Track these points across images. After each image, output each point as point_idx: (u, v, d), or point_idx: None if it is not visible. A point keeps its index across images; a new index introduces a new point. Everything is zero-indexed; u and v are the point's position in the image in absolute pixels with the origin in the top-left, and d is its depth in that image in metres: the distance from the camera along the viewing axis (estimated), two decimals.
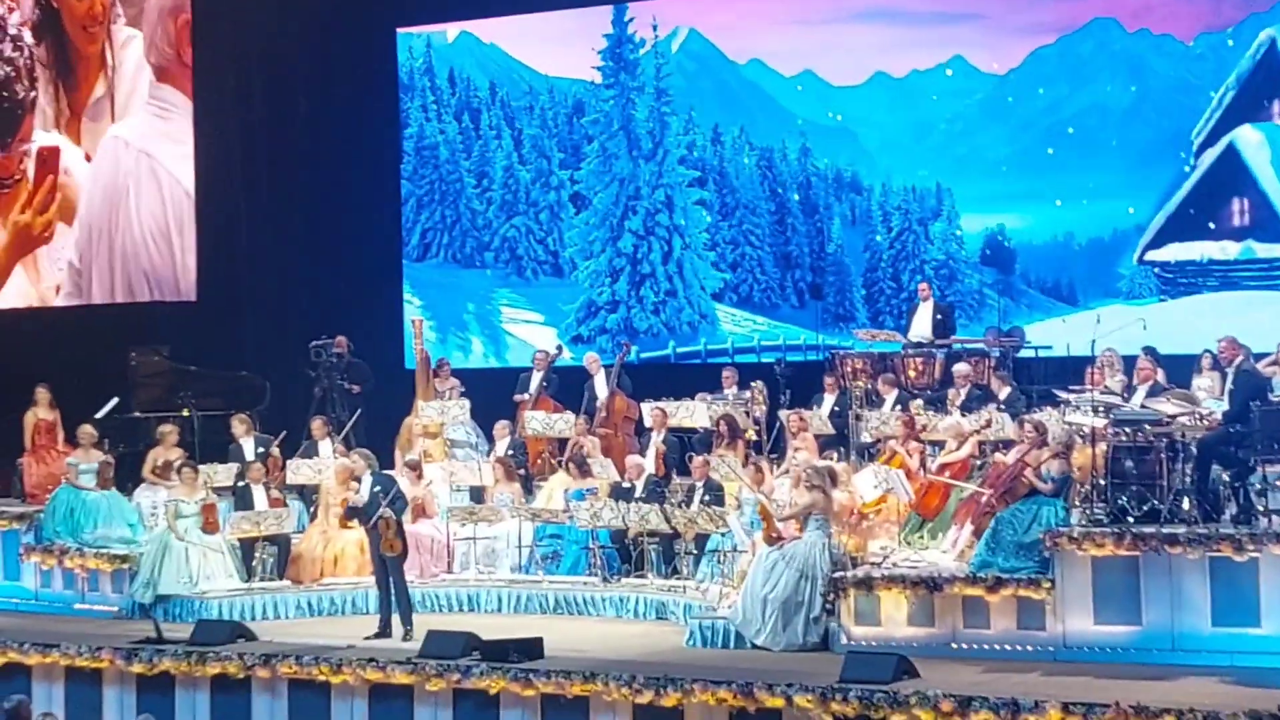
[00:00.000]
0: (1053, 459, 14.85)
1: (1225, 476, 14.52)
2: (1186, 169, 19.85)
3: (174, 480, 18.30)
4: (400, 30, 24.19)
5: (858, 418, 17.59)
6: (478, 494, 18.55)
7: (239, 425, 19.26)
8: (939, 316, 18.89)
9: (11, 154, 24.95)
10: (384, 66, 24.19)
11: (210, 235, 24.27)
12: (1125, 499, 14.30)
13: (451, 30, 24.12)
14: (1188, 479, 14.41)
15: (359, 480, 16.13)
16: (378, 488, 15.88)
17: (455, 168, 24.07)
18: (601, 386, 19.61)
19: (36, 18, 25.20)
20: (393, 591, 15.84)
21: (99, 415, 19.97)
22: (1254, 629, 13.62)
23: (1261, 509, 14.17)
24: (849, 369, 18.59)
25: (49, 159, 24.89)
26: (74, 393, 20.21)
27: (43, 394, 19.75)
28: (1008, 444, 16.06)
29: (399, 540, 15.79)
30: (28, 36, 25.11)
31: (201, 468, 18.38)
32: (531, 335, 23.17)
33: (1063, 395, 16.27)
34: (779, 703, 13.19)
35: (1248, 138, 19.64)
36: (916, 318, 18.97)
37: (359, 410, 19.85)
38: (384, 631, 15.69)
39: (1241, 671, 13.26)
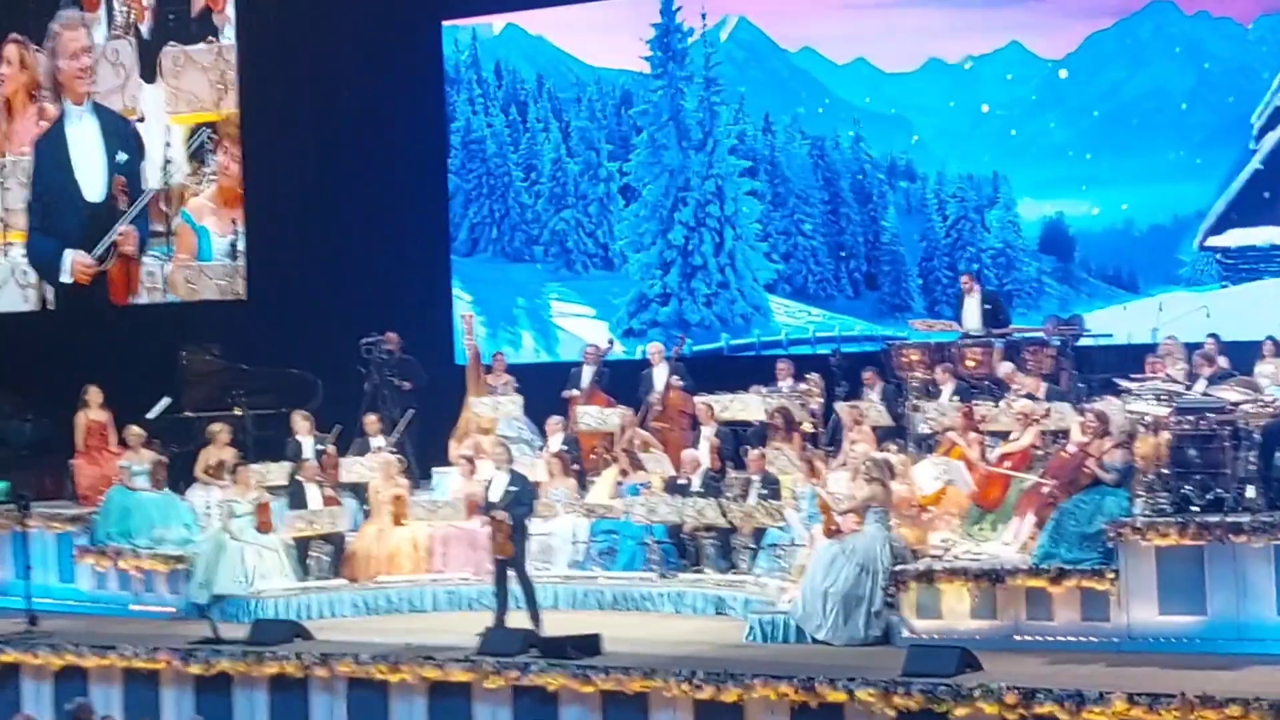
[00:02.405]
0: (1115, 448, 14.66)
1: None
2: (1251, 149, 19.59)
3: (227, 480, 18.28)
4: (446, 23, 24.12)
5: (915, 409, 17.42)
6: None
7: (300, 422, 19.21)
8: (988, 306, 18.70)
9: None
10: (430, 60, 24.13)
11: (259, 232, 24.25)
12: (1189, 488, 14.13)
13: (497, 22, 24.04)
14: (1252, 467, 14.25)
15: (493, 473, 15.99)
16: (513, 487, 15.66)
17: (503, 161, 24.00)
18: (660, 378, 19.46)
19: None
20: (516, 588, 15.60)
21: (151, 415, 19.97)
22: None
23: None
24: (905, 360, 18.39)
25: None
26: (125, 393, 20.18)
27: (95, 394, 19.74)
28: (1069, 433, 15.87)
29: (510, 544, 15.50)
30: None
31: (254, 467, 18.33)
32: (583, 329, 23.06)
33: (1124, 384, 16.06)
34: (841, 697, 13.10)
35: None
36: (965, 312, 18.76)
37: (411, 410, 19.77)
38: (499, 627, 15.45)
39: None
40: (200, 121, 24.79)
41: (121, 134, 25.10)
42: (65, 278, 25.29)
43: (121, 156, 25.08)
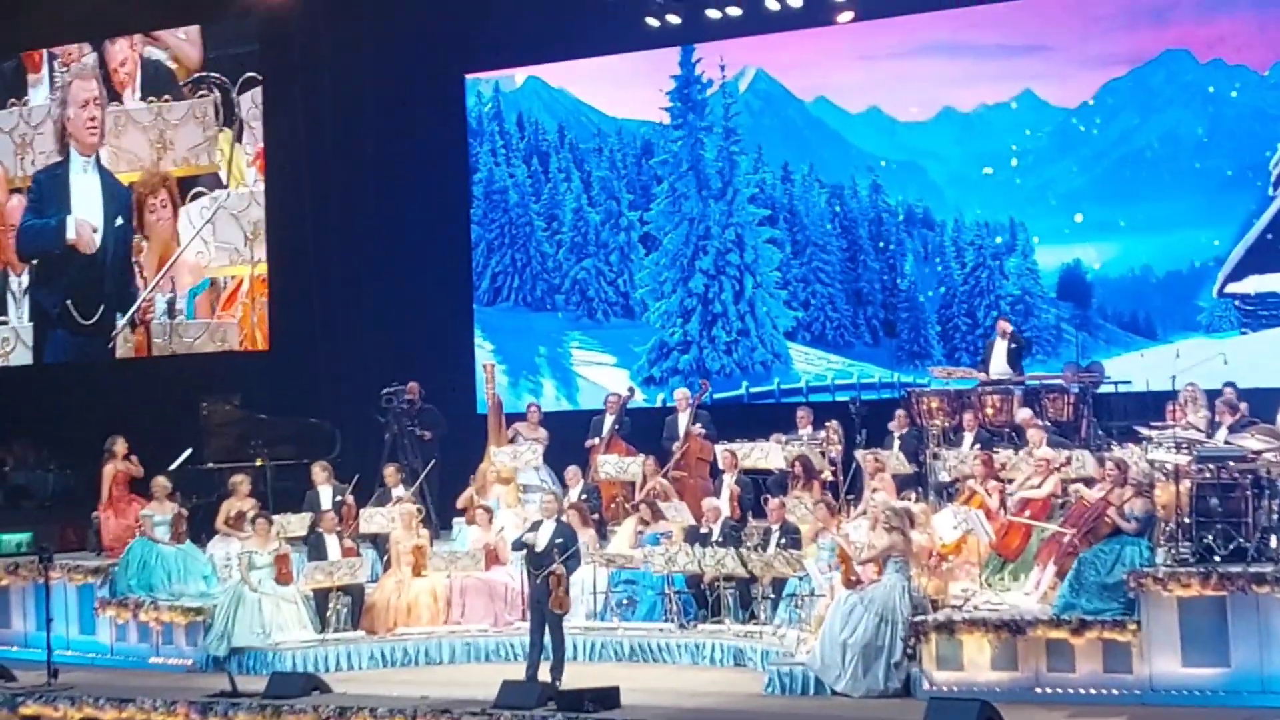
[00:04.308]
0: (1136, 497, 14.58)
1: None
2: (1269, 195, 19.56)
3: (247, 531, 18.26)
4: (469, 76, 24.28)
5: (935, 456, 17.36)
6: None
7: (320, 472, 19.21)
8: (1014, 345, 18.67)
9: None
10: (453, 112, 24.27)
11: (281, 282, 24.34)
12: (1211, 538, 14.06)
13: (519, 75, 24.18)
14: (1275, 516, 14.19)
15: (539, 523, 15.95)
16: (560, 539, 15.64)
17: (525, 211, 24.08)
18: (683, 425, 19.42)
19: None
20: (549, 642, 15.54)
21: (173, 467, 19.99)
22: None
23: None
24: (925, 407, 18.34)
25: None
26: (146, 444, 20.20)
27: (121, 445, 19.73)
28: (1088, 482, 15.80)
29: (568, 597, 15.55)
30: None
31: (275, 518, 18.33)
32: (603, 377, 23.09)
33: (1144, 432, 15.98)
34: None
35: None
36: (994, 356, 18.72)
37: (433, 460, 19.78)
38: (531, 680, 15.30)
39: None
40: (131, 180, 25.21)
41: (121, 199, 25.41)
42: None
43: (119, 220, 25.38)
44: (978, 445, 17.39)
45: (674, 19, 22.16)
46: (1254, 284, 19.63)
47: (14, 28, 25.32)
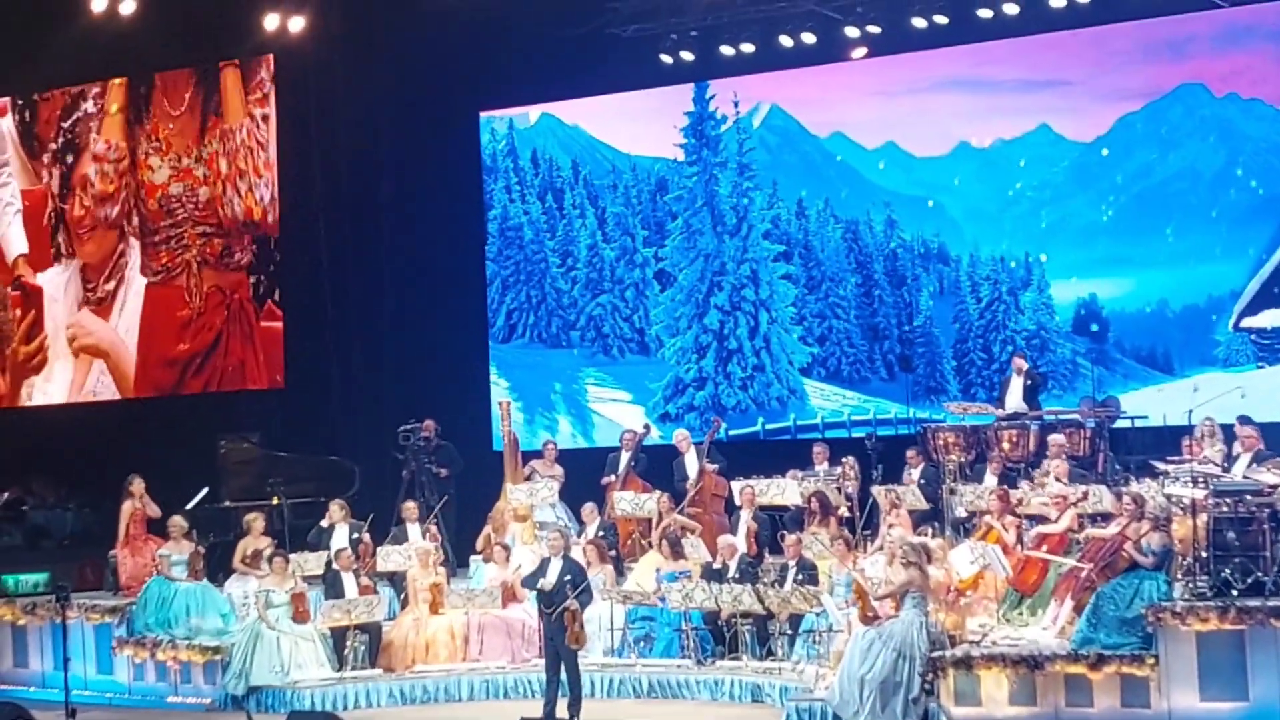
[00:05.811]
0: (1153, 531, 14.57)
1: None
2: None
3: (264, 569, 18.27)
4: (483, 114, 24.33)
5: (952, 492, 17.34)
6: None
7: (337, 510, 19.21)
8: (1029, 382, 18.66)
9: None
10: (467, 149, 24.32)
11: (297, 319, 24.40)
12: (1228, 572, 14.04)
13: (533, 112, 24.23)
14: None
15: (546, 561, 15.97)
16: (567, 576, 15.63)
17: (540, 248, 24.12)
18: (691, 464, 19.44)
19: None
20: (565, 679, 15.53)
21: (189, 506, 20.02)
22: None
23: None
24: (941, 442, 18.32)
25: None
26: (164, 483, 20.24)
27: (138, 484, 19.76)
28: (1105, 517, 15.78)
29: (584, 632, 15.59)
30: None
31: (292, 556, 18.34)
32: (619, 414, 23.08)
33: (1161, 466, 15.96)
34: None
35: None
36: (1009, 392, 18.70)
37: (446, 496, 19.80)
38: (549, 718, 15.39)
39: None
40: None
41: None
42: None
43: None
44: (999, 482, 17.35)
45: (687, 55, 22.21)
46: (1270, 318, 19.60)
47: (25, 70, 25.43)
